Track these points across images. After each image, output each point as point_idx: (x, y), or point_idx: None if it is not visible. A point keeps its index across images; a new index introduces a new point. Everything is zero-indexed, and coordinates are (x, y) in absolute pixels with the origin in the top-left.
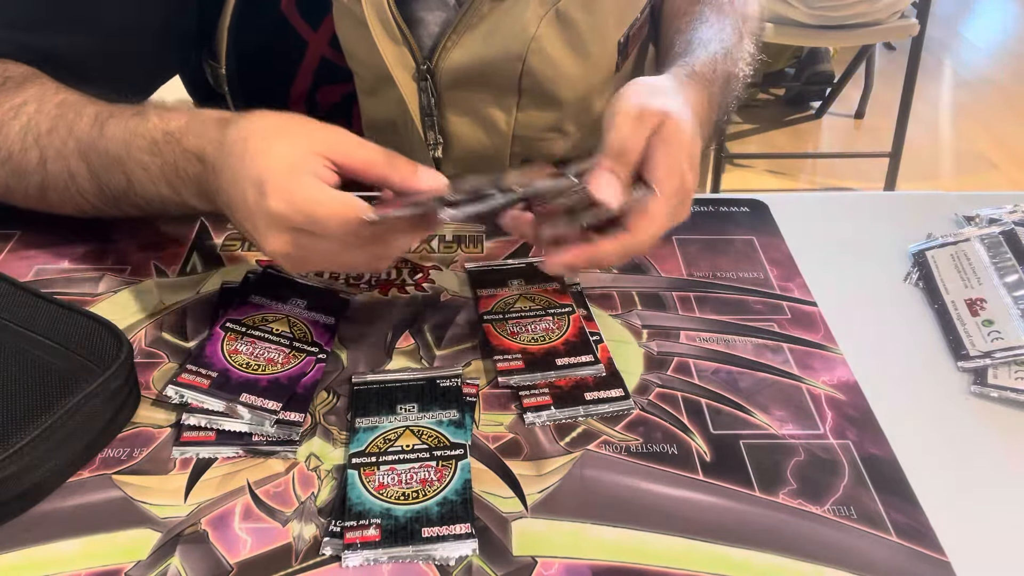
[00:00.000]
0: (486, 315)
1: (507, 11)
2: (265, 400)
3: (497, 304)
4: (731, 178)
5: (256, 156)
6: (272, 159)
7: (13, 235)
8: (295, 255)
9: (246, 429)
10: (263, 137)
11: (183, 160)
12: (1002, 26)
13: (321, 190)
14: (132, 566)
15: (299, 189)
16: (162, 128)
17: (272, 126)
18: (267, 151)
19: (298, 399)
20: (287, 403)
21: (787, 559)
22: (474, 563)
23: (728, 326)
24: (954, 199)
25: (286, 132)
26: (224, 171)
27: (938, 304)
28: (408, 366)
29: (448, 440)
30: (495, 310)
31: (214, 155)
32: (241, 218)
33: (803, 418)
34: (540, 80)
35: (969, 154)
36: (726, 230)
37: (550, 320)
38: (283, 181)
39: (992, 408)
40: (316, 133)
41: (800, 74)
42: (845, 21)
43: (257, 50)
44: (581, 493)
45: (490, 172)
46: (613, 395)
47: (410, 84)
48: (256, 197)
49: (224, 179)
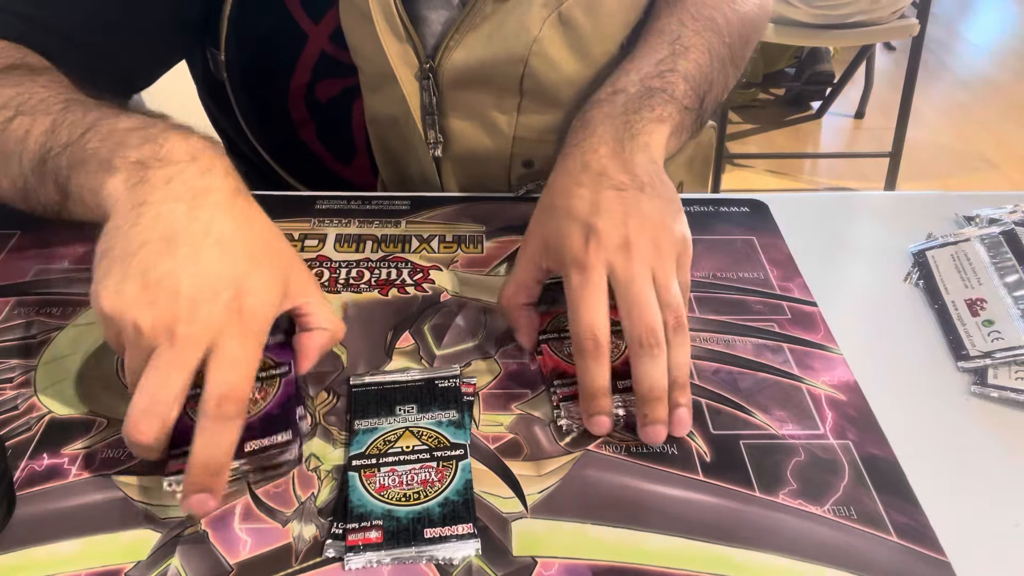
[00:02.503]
0: (542, 335)
1: (510, 12)
2: (272, 436)
3: (552, 322)
4: (731, 178)
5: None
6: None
7: (13, 235)
8: (145, 324)
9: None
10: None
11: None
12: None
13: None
14: (132, 566)
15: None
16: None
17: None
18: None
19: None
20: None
21: (787, 559)
22: (474, 563)
23: (728, 326)
24: (954, 199)
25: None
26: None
27: (938, 304)
28: (408, 366)
29: (448, 440)
30: (550, 329)
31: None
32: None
33: (803, 418)
34: (542, 82)
35: (969, 154)
36: (726, 230)
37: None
38: (267, 298)
39: (992, 408)
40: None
41: (800, 74)
42: (845, 20)
43: (257, 39)
44: (581, 493)
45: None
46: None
47: (412, 82)
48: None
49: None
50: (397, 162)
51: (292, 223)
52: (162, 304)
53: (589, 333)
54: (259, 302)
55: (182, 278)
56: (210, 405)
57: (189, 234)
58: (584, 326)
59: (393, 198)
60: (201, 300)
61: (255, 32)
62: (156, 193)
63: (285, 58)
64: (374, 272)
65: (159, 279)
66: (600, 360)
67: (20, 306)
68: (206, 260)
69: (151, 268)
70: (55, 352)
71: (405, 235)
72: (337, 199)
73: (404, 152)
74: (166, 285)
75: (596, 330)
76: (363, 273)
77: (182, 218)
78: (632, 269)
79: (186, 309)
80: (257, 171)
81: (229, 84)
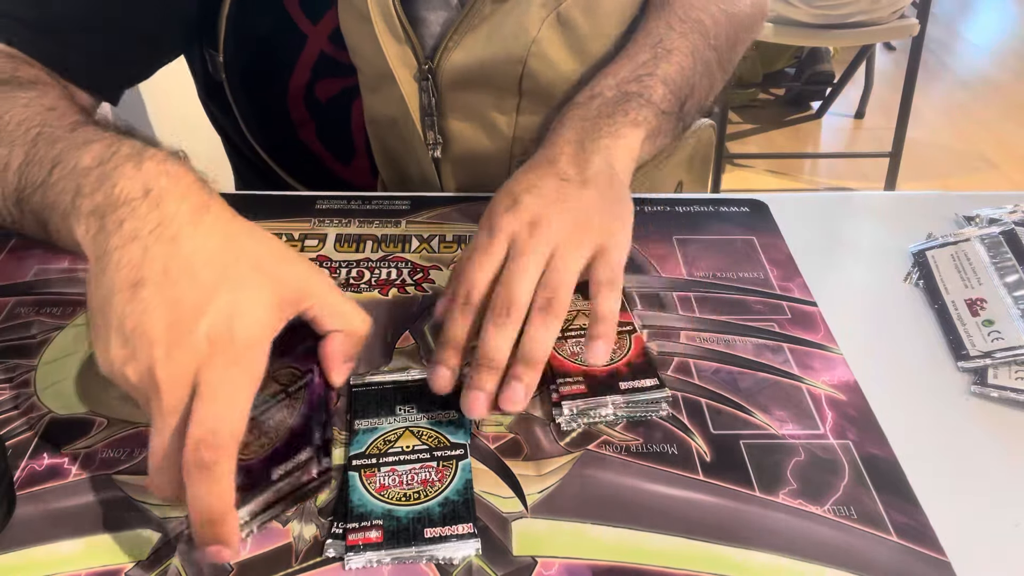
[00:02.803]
0: None
1: (508, 13)
2: (295, 456)
3: None
4: (731, 178)
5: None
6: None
7: (13, 235)
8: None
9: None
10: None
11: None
12: (1002, 26)
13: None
14: (132, 566)
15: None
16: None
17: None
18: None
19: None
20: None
21: (787, 559)
22: (474, 563)
23: (728, 326)
24: (954, 199)
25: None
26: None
27: (938, 304)
28: (408, 366)
29: (448, 440)
30: None
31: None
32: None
33: (803, 418)
34: (541, 82)
35: (969, 154)
36: (726, 230)
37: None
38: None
39: (992, 408)
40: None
41: (800, 74)
42: (846, 20)
43: (255, 40)
44: (581, 493)
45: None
46: (647, 384)
47: (411, 83)
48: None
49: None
50: (397, 163)
51: (292, 223)
52: (140, 354)
53: (464, 289)
54: (246, 317)
55: (151, 321)
56: (187, 452)
57: (151, 273)
58: (467, 278)
59: (393, 198)
60: (174, 338)
61: (253, 33)
62: (112, 239)
63: (284, 58)
64: (374, 272)
65: (132, 329)
66: (465, 315)
67: (20, 306)
68: (172, 295)
69: (123, 319)
70: (55, 352)
71: (405, 235)
72: (337, 199)
73: (403, 153)
74: (139, 332)
75: (471, 287)
76: (363, 273)
77: (140, 259)
78: (528, 244)
79: (161, 352)
80: (256, 171)
81: (228, 85)
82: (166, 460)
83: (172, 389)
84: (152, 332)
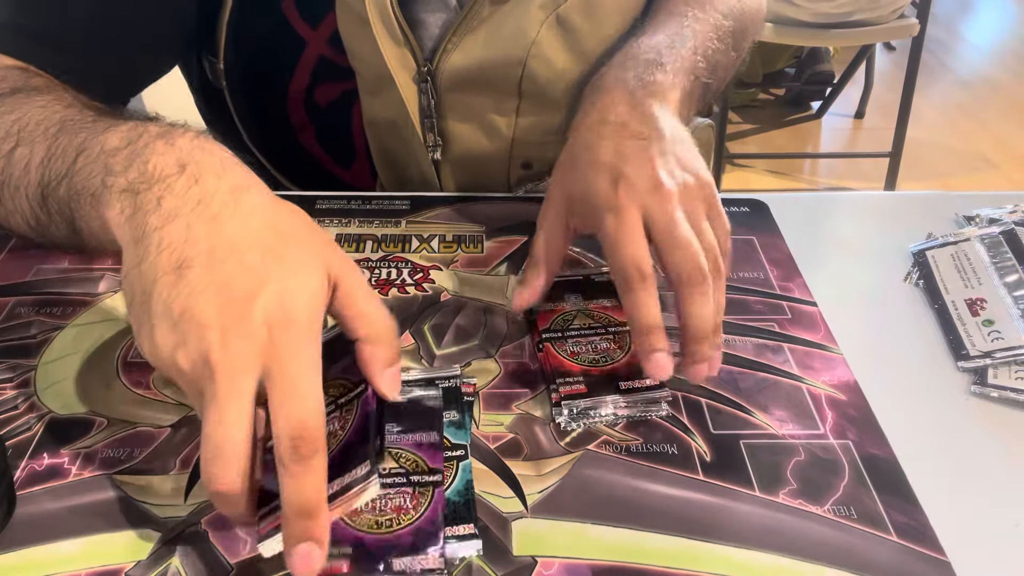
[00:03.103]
0: (545, 332)
1: (507, 15)
2: (352, 471)
3: (556, 321)
4: (731, 178)
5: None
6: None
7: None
8: (185, 368)
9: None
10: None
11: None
12: (1002, 26)
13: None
14: (132, 566)
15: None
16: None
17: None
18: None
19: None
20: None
21: (787, 559)
22: (474, 563)
23: (728, 326)
24: (954, 199)
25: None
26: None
27: (938, 304)
28: (408, 366)
29: (449, 441)
30: (554, 327)
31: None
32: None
33: (803, 418)
34: (540, 84)
35: (969, 154)
36: None
37: (610, 339)
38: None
39: (992, 408)
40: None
41: (800, 74)
42: (846, 19)
43: (255, 47)
44: (581, 493)
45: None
46: (647, 384)
47: (410, 85)
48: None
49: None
50: (396, 165)
51: None
52: (191, 339)
53: (633, 263)
54: (300, 300)
55: (201, 304)
56: (284, 450)
57: (196, 254)
58: (627, 257)
59: (393, 198)
60: (229, 322)
61: (253, 39)
62: (151, 219)
63: (284, 64)
64: (374, 272)
65: (181, 312)
66: (649, 291)
67: (20, 306)
68: (221, 277)
69: (171, 303)
70: (55, 352)
71: (405, 235)
72: (337, 199)
73: (403, 155)
74: (189, 316)
75: (639, 259)
76: (363, 273)
77: (183, 239)
78: (669, 209)
79: (216, 336)
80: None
81: (228, 91)
82: (230, 450)
83: (231, 375)
84: (204, 315)
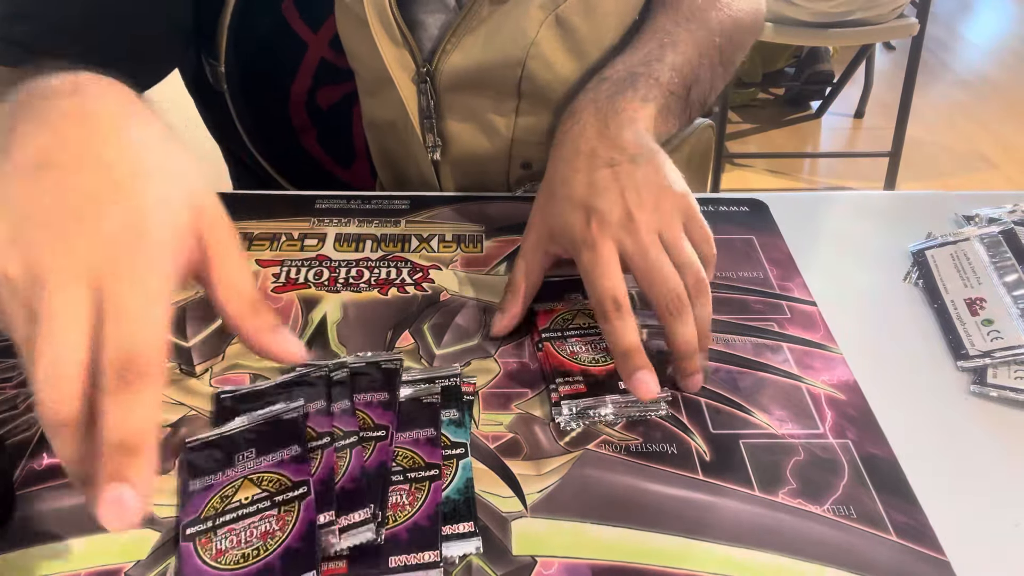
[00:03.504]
0: (545, 332)
1: (507, 15)
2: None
3: (555, 320)
4: (731, 178)
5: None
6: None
7: None
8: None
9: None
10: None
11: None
12: (1002, 26)
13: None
14: (132, 566)
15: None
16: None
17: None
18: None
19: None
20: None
21: (787, 559)
22: (474, 563)
23: (728, 326)
24: (954, 199)
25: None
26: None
27: (938, 304)
28: (408, 366)
29: (448, 439)
30: (553, 327)
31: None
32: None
33: (803, 418)
34: (540, 84)
35: (969, 154)
36: (726, 230)
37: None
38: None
39: (992, 408)
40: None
41: (800, 74)
42: (845, 18)
43: (256, 50)
44: (581, 493)
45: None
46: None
47: (409, 86)
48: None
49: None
50: (396, 165)
51: (292, 223)
52: (25, 237)
53: (609, 295)
54: (154, 223)
55: (49, 204)
56: (109, 378)
57: (60, 157)
58: (604, 290)
59: (393, 197)
60: (73, 226)
61: (254, 42)
62: (20, 124)
63: (285, 67)
64: (374, 271)
65: (23, 209)
66: (625, 319)
67: None
68: (79, 183)
69: (16, 201)
70: None
71: (405, 234)
72: (337, 198)
73: (403, 156)
74: (29, 214)
75: (614, 291)
76: (363, 272)
77: (49, 143)
78: (641, 240)
79: (55, 239)
80: (256, 178)
81: (229, 94)
82: (65, 368)
83: (64, 282)
84: (47, 215)
